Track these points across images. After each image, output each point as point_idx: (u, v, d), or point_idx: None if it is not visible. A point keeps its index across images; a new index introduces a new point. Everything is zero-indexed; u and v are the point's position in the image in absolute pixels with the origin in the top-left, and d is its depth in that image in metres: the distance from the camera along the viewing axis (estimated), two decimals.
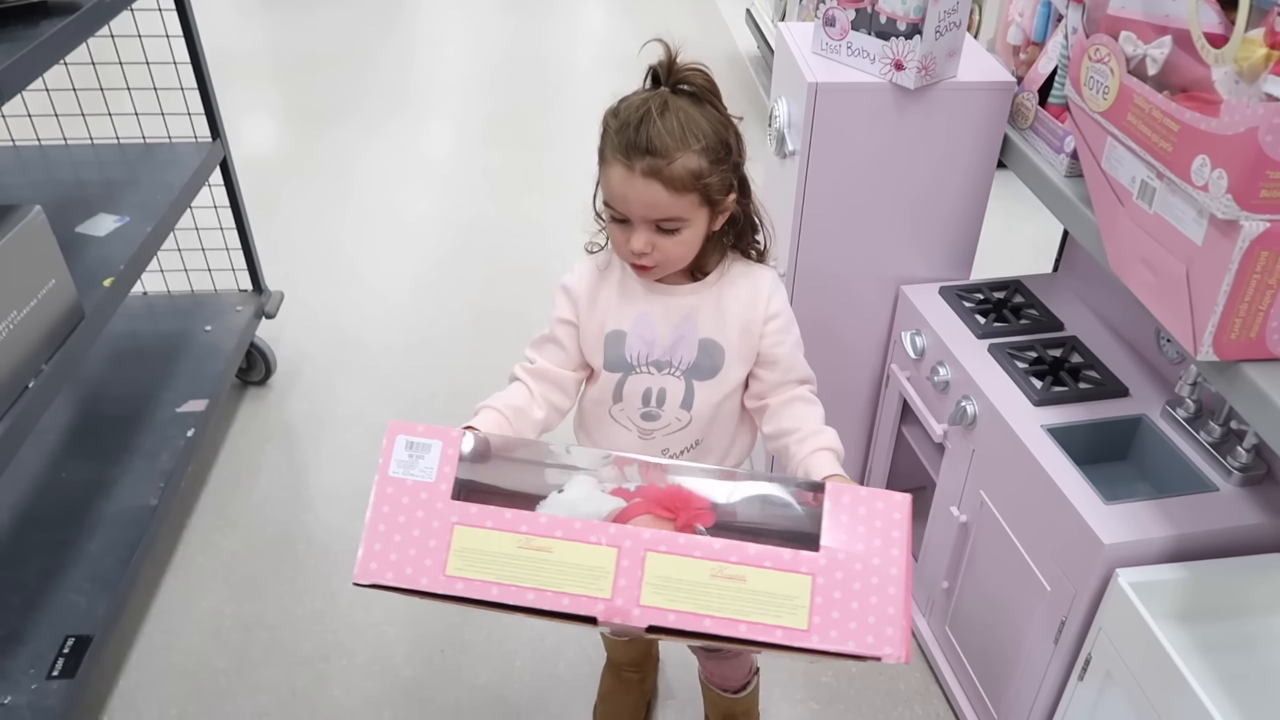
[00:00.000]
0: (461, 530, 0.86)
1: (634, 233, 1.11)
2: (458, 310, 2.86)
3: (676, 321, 1.21)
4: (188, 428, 2.09)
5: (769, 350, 1.23)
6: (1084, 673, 1.37)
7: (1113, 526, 1.30)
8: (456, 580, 0.85)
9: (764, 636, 0.84)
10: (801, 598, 0.84)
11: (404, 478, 0.88)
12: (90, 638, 1.62)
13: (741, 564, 0.86)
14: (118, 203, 2.02)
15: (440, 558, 0.85)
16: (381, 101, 4.23)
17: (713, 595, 0.84)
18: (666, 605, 0.84)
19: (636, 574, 0.84)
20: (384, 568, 0.85)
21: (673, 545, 0.86)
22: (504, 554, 0.85)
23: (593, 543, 0.86)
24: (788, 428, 1.22)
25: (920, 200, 1.74)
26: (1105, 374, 1.58)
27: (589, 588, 0.84)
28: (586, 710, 1.73)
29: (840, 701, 1.76)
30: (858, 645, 0.84)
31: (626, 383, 1.23)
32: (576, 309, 1.23)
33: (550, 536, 0.86)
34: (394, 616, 1.92)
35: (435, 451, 0.90)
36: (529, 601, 0.84)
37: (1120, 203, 1.30)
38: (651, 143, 1.06)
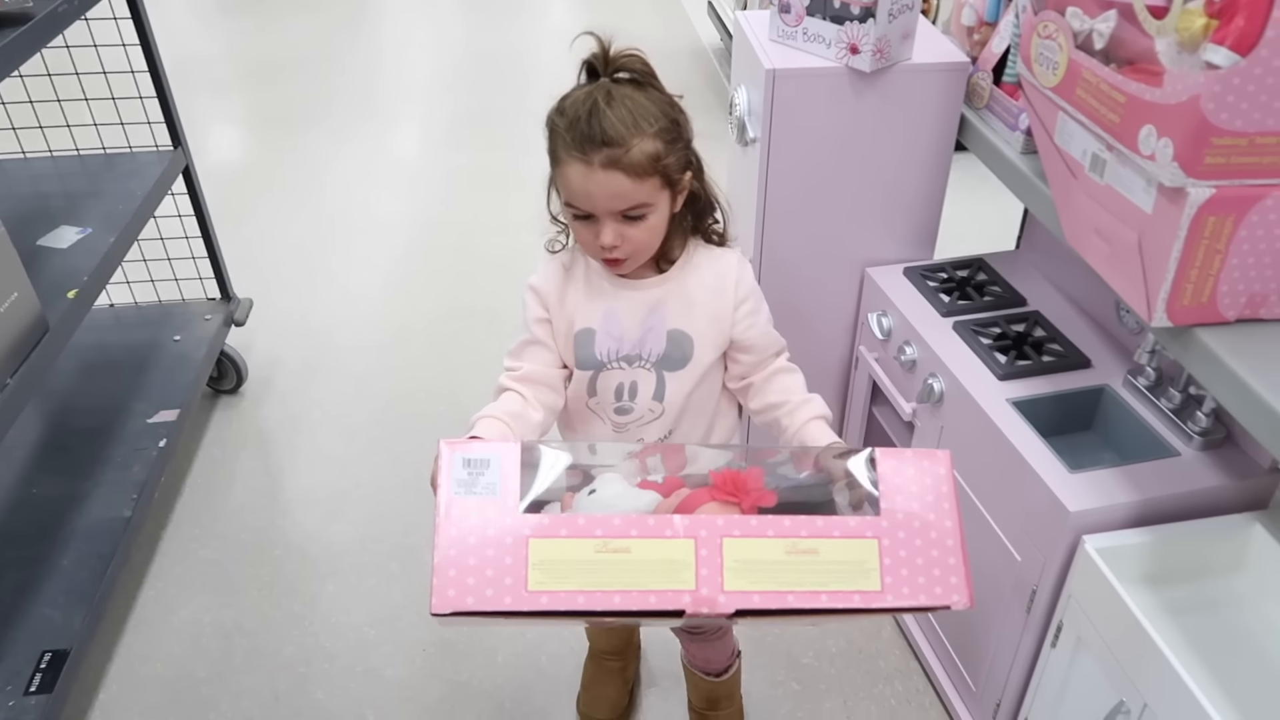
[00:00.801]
0: (537, 543, 0.84)
1: (601, 228, 1.12)
2: (429, 309, 2.85)
3: (643, 315, 1.21)
4: (159, 438, 2.08)
5: (743, 335, 1.24)
6: (1056, 640, 1.39)
7: (1078, 494, 1.33)
8: (541, 595, 0.82)
9: (844, 603, 0.86)
10: (871, 561, 0.87)
11: (467, 497, 0.85)
12: (67, 652, 1.61)
13: (812, 536, 0.87)
14: (79, 214, 2.01)
15: (520, 574, 0.82)
16: (346, 105, 4.21)
17: (791, 571, 0.85)
18: (750, 587, 0.84)
19: (716, 561, 0.85)
20: (463, 593, 0.81)
21: (746, 528, 0.87)
22: (583, 560, 0.84)
23: (669, 536, 0.85)
24: (775, 401, 1.24)
25: (881, 182, 1.76)
26: (1067, 346, 1.61)
27: (673, 581, 0.84)
28: (570, 701, 1.74)
29: (821, 681, 1.78)
30: (928, 598, 0.87)
31: (599, 378, 1.24)
32: (548, 305, 1.23)
33: (627, 536, 0.85)
34: (375, 617, 1.92)
35: (495, 466, 0.87)
36: (616, 605, 0.83)
37: (1073, 176, 1.32)
38: (606, 133, 1.06)
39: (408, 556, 2.05)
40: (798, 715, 1.72)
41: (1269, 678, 1.21)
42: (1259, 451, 1.38)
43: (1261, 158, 1.06)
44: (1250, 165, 1.07)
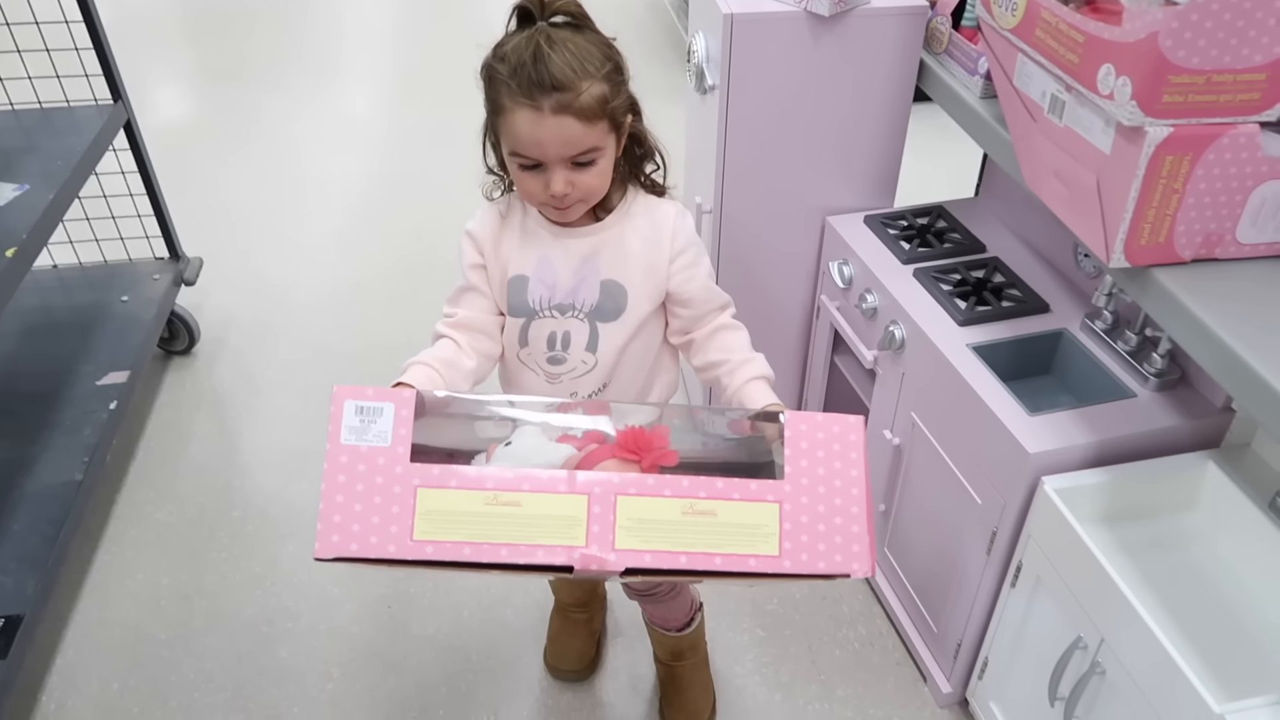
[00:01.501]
0: (425, 493, 0.83)
1: (551, 175, 1.09)
2: (385, 267, 2.80)
3: (577, 264, 1.19)
4: (109, 400, 2.03)
5: (681, 288, 1.21)
6: (1015, 580, 1.42)
7: (1037, 436, 1.34)
8: (426, 544, 0.82)
9: (739, 567, 0.85)
10: (771, 525, 0.86)
11: (358, 444, 0.84)
12: (21, 617, 1.58)
13: (711, 498, 0.86)
14: (16, 171, 1.93)
15: (406, 523, 0.82)
16: (296, 60, 4.10)
17: (686, 532, 0.84)
18: (641, 546, 0.84)
19: (609, 519, 0.84)
20: (347, 539, 0.82)
21: (642, 487, 0.86)
22: (472, 512, 0.83)
23: (562, 492, 0.85)
24: (716, 359, 1.22)
25: (841, 129, 1.75)
26: (1026, 292, 1.62)
27: (562, 537, 0.83)
28: (537, 654, 1.75)
29: (786, 627, 1.80)
30: (827, 565, 0.86)
31: (531, 327, 1.21)
32: (483, 251, 1.21)
33: (518, 490, 0.84)
34: (337, 576, 1.90)
35: (388, 414, 0.86)
36: (503, 558, 0.82)
37: (1032, 119, 1.32)
38: (554, 77, 1.03)
39: None
40: (763, 660, 1.74)
41: (1220, 610, 1.24)
42: (1213, 391, 1.40)
43: (1218, 96, 1.06)
44: (1207, 104, 1.07)
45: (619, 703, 1.68)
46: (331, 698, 1.69)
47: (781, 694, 1.69)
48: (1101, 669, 1.23)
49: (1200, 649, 1.19)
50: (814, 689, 1.69)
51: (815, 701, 1.67)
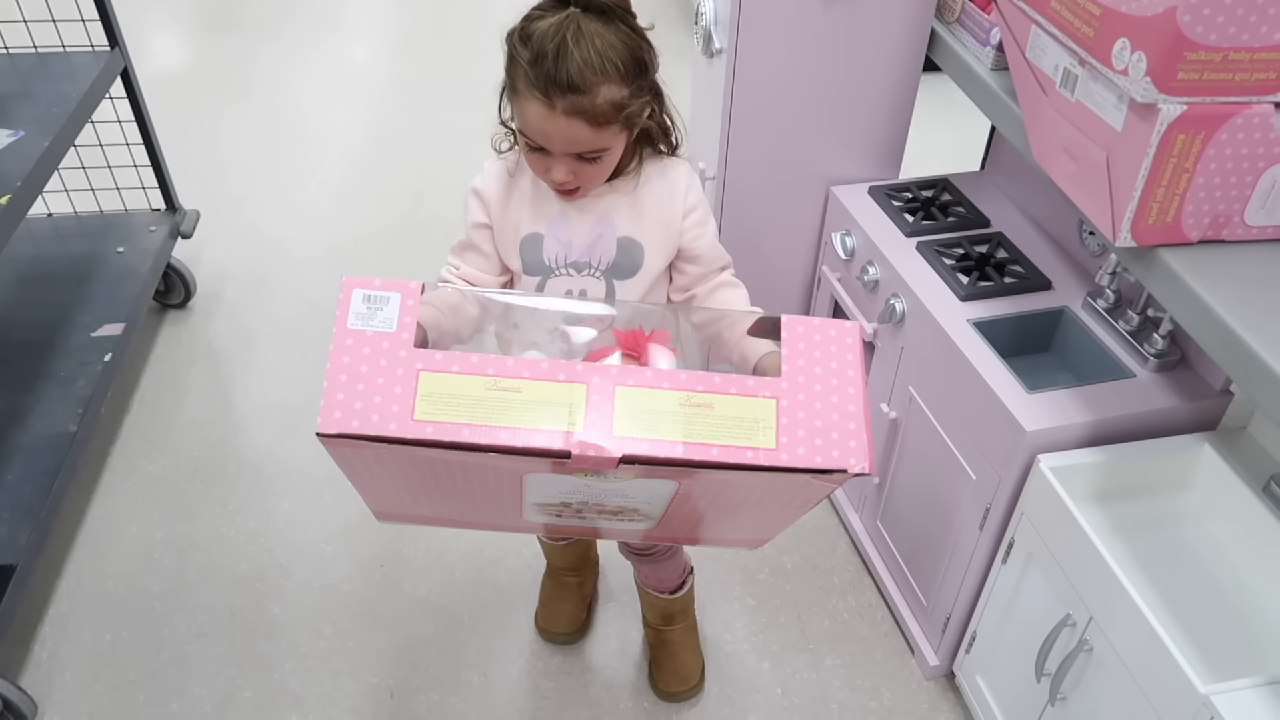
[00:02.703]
0: (427, 376, 0.84)
1: (554, 164, 1.09)
2: (385, 223, 2.78)
3: (593, 221, 1.18)
4: (104, 352, 2.02)
5: (690, 245, 1.22)
6: (1007, 556, 1.42)
7: (1035, 414, 1.34)
8: (426, 424, 0.82)
9: (736, 458, 0.85)
10: (768, 420, 0.86)
11: (363, 329, 0.85)
12: (13, 567, 1.58)
13: (708, 391, 0.86)
14: (10, 117, 1.90)
15: (407, 403, 0.82)
16: (295, 9, 4.03)
17: (683, 422, 0.84)
18: (639, 434, 0.84)
19: (607, 407, 0.84)
20: (349, 416, 0.82)
21: (641, 378, 0.86)
22: (472, 396, 0.83)
23: (561, 380, 0.85)
24: (717, 315, 1.21)
25: (849, 97, 1.72)
26: (1029, 268, 1.60)
27: (561, 423, 0.83)
28: (528, 616, 1.76)
29: (776, 596, 1.81)
30: (824, 460, 0.86)
31: (547, 286, 1.21)
32: (489, 212, 1.19)
33: (518, 377, 0.84)
34: (331, 534, 1.90)
35: (395, 302, 0.87)
36: (501, 440, 0.82)
37: (1044, 92, 1.30)
38: (571, 79, 1.01)
39: None
40: (753, 629, 1.75)
41: (1209, 592, 1.25)
42: (1211, 373, 1.40)
43: (1234, 74, 1.05)
44: (1222, 82, 1.05)
45: (608, 666, 1.69)
46: (323, 654, 1.70)
47: (770, 662, 1.70)
48: (1089, 646, 1.23)
49: (1188, 630, 1.19)
50: (802, 658, 1.70)
51: (803, 670, 1.69)
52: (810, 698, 1.65)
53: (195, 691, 1.64)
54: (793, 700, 1.64)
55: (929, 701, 1.64)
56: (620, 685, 1.66)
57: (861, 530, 1.87)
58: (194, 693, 1.64)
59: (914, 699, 1.65)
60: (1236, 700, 1.04)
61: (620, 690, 1.65)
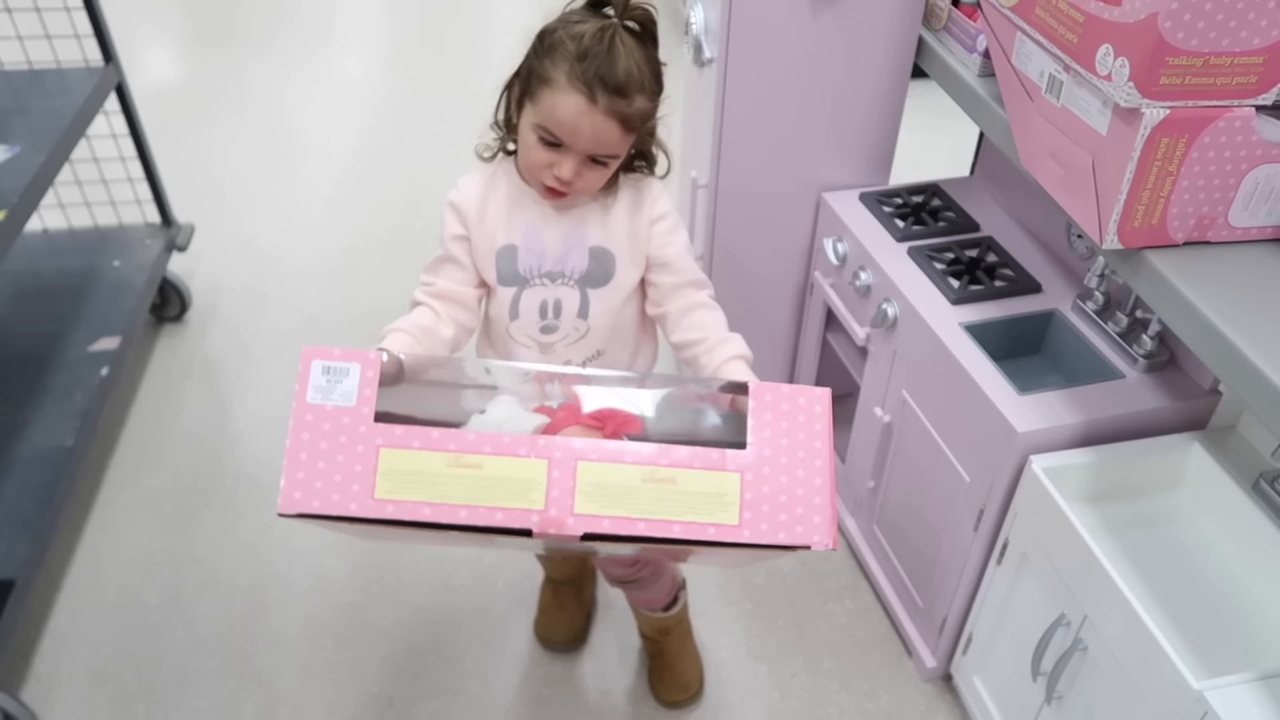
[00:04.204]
0: (388, 452, 0.84)
1: (565, 160, 1.10)
2: (379, 236, 2.79)
3: (565, 231, 1.20)
4: (101, 366, 2.03)
5: (658, 251, 1.22)
6: (1001, 557, 1.43)
7: (1026, 416, 1.35)
8: (386, 503, 0.82)
9: (697, 535, 0.84)
10: (731, 495, 0.86)
11: (323, 403, 0.85)
12: (13, 581, 1.59)
13: (672, 466, 0.86)
14: (6, 132, 1.91)
15: (368, 481, 0.83)
16: (287, 23, 4.05)
17: (645, 498, 0.84)
18: (600, 512, 0.84)
19: (569, 483, 0.84)
20: (309, 496, 0.82)
21: (603, 453, 0.85)
22: (433, 473, 0.83)
23: (522, 455, 0.84)
24: (694, 338, 1.22)
25: (838, 104, 1.74)
26: (1019, 272, 1.62)
27: (522, 500, 0.83)
28: (527, 624, 1.76)
29: (773, 601, 1.82)
30: (788, 536, 0.85)
31: (522, 297, 1.22)
32: (466, 224, 1.20)
33: (479, 453, 0.84)
34: (330, 544, 1.91)
35: (354, 375, 0.86)
36: (462, 519, 0.82)
37: (1030, 98, 1.32)
38: (619, 80, 1.05)
39: None
40: (750, 633, 1.76)
41: (1201, 590, 1.26)
42: (1200, 373, 1.41)
43: (1215, 79, 1.06)
44: (1204, 86, 1.07)
45: (607, 673, 1.69)
46: (324, 664, 1.70)
47: (768, 666, 1.71)
48: (1084, 645, 1.24)
49: (1181, 627, 1.21)
50: (800, 661, 1.71)
51: (801, 674, 1.69)
52: (808, 701, 1.65)
53: (196, 703, 1.65)
54: (791, 704, 1.65)
55: (926, 703, 1.65)
56: (619, 692, 1.67)
57: (857, 534, 1.88)
58: (195, 704, 1.64)
59: (911, 701, 1.66)
60: (1230, 696, 1.05)
61: (620, 697, 1.66)
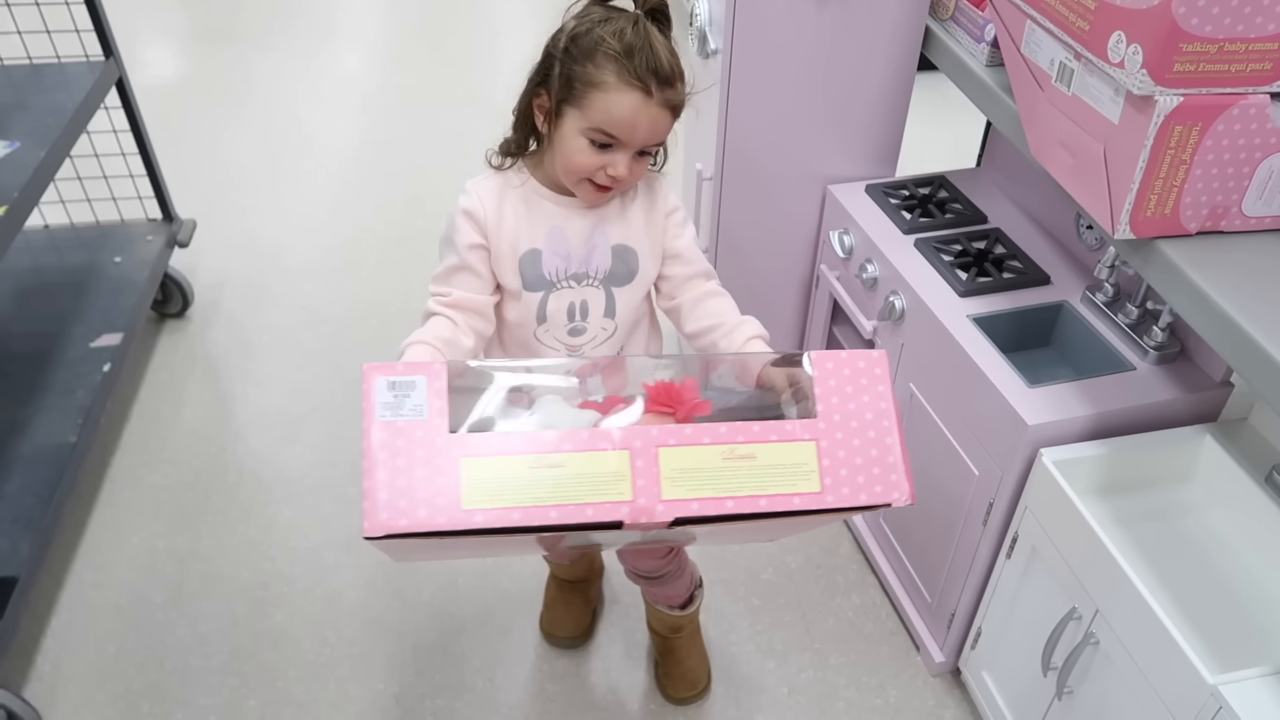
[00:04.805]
0: (468, 462, 0.83)
1: (619, 158, 1.09)
2: (381, 231, 2.78)
3: (587, 232, 1.19)
4: (103, 362, 2.02)
5: (671, 244, 1.24)
6: (1011, 550, 1.42)
7: (1036, 408, 1.34)
8: (475, 513, 0.81)
9: (784, 506, 0.86)
10: (810, 463, 0.87)
11: (394, 420, 0.83)
12: (15, 579, 1.58)
13: (749, 442, 0.87)
14: (5, 128, 1.90)
15: (453, 493, 0.81)
16: (288, 19, 4.04)
17: (728, 477, 0.85)
18: (688, 495, 0.84)
19: (653, 471, 0.84)
20: (396, 515, 0.80)
21: (682, 437, 0.86)
22: (517, 477, 0.82)
23: (603, 449, 0.84)
24: (710, 324, 1.22)
25: (845, 96, 1.73)
26: (1028, 263, 1.61)
27: (610, 493, 0.83)
28: (532, 620, 1.75)
29: (781, 596, 1.80)
30: (869, 496, 0.87)
31: (549, 300, 1.20)
32: (485, 233, 1.18)
33: (560, 451, 0.84)
34: (333, 541, 1.90)
35: (421, 388, 0.85)
36: (553, 519, 0.82)
37: (1040, 87, 1.30)
38: (667, 71, 1.06)
39: None
40: (758, 629, 1.75)
41: (1214, 583, 1.25)
42: (1211, 364, 1.40)
43: (1230, 65, 1.05)
44: (1218, 73, 1.06)
45: (614, 669, 1.68)
46: (328, 661, 1.69)
47: (775, 661, 1.70)
48: (1095, 639, 1.23)
49: (1194, 621, 1.20)
50: (807, 657, 1.70)
51: (809, 669, 1.68)
52: (816, 696, 1.64)
53: (200, 701, 1.64)
54: (799, 699, 1.64)
55: (935, 698, 1.64)
56: (626, 688, 1.66)
57: (864, 529, 1.87)
58: (199, 702, 1.64)
59: (920, 696, 1.65)
60: (1245, 690, 1.04)
61: (627, 693, 1.65)
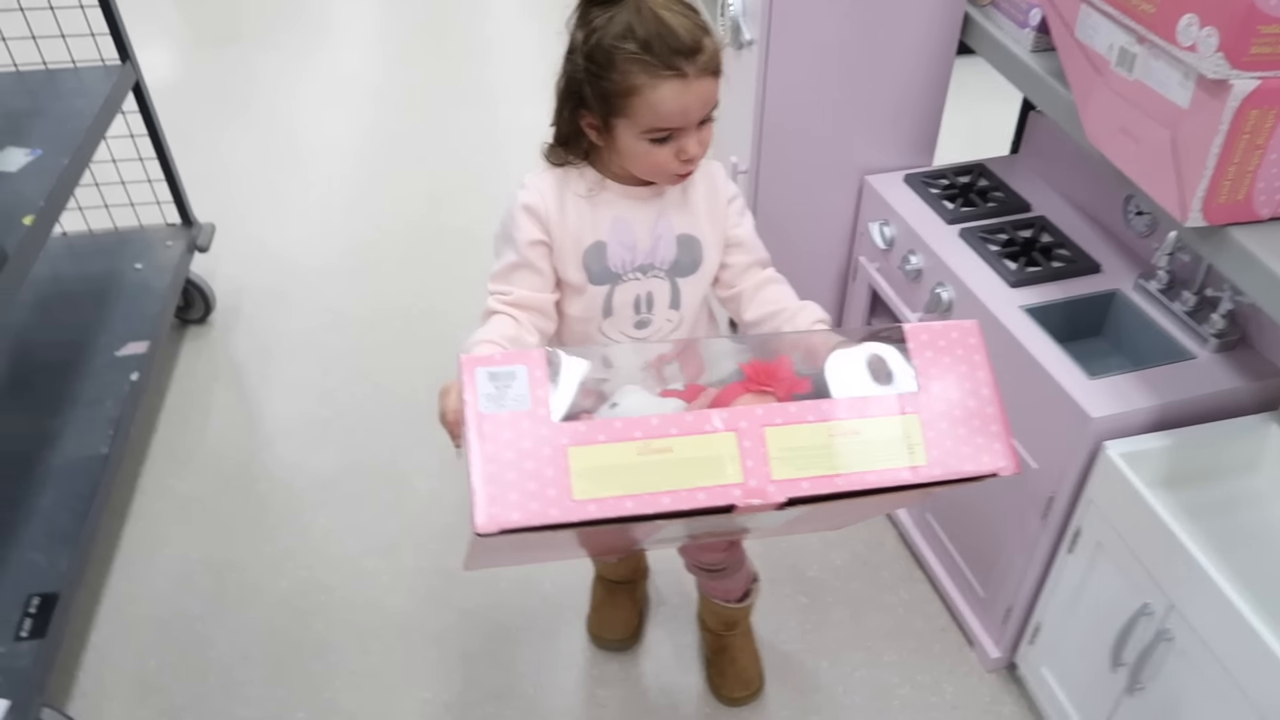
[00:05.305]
0: (576, 450, 0.81)
1: (685, 140, 1.07)
2: (398, 230, 2.75)
3: (651, 222, 1.17)
4: (130, 371, 1.99)
5: (733, 232, 1.22)
6: (1073, 545, 1.40)
7: (1099, 401, 1.31)
8: (588, 504, 0.79)
9: (893, 480, 0.85)
10: (915, 436, 0.87)
11: (498, 411, 0.81)
12: (57, 595, 1.55)
13: (853, 417, 0.86)
14: (25, 135, 1.87)
15: (563, 483, 0.79)
16: (289, 17, 3.99)
17: (836, 454, 0.84)
18: (797, 475, 0.83)
19: (761, 451, 0.83)
20: (507, 509, 0.78)
21: (787, 415, 0.85)
22: (626, 465, 0.81)
23: (709, 432, 0.83)
24: (772, 310, 1.20)
25: (882, 85, 1.70)
26: (1076, 251, 1.58)
27: (720, 476, 0.82)
28: (578, 625, 1.73)
29: (828, 593, 1.78)
30: (975, 466, 0.87)
31: (615, 293, 1.18)
32: (547, 228, 1.15)
33: (667, 435, 0.82)
34: (370, 547, 1.87)
35: (522, 377, 0.83)
36: (665, 506, 0.80)
37: (1097, 72, 1.28)
38: (688, 42, 1.02)
39: (400, 484, 2.00)
40: (806, 627, 1.73)
41: None
42: (1274, 351, 1.37)
43: None
44: None
45: (665, 671, 1.66)
46: (373, 670, 1.67)
47: (828, 660, 1.67)
48: (1170, 635, 1.21)
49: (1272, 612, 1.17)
50: (860, 655, 1.68)
51: (862, 668, 1.66)
52: (871, 695, 1.62)
53: (245, 714, 1.61)
54: (854, 699, 1.62)
55: (991, 694, 1.62)
56: (679, 690, 1.63)
57: (909, 523, 1.85)
58: (243, 715, 1.61)
59: (976, 692, 1.63)
60: None
61: (680, 695, 1.63)
